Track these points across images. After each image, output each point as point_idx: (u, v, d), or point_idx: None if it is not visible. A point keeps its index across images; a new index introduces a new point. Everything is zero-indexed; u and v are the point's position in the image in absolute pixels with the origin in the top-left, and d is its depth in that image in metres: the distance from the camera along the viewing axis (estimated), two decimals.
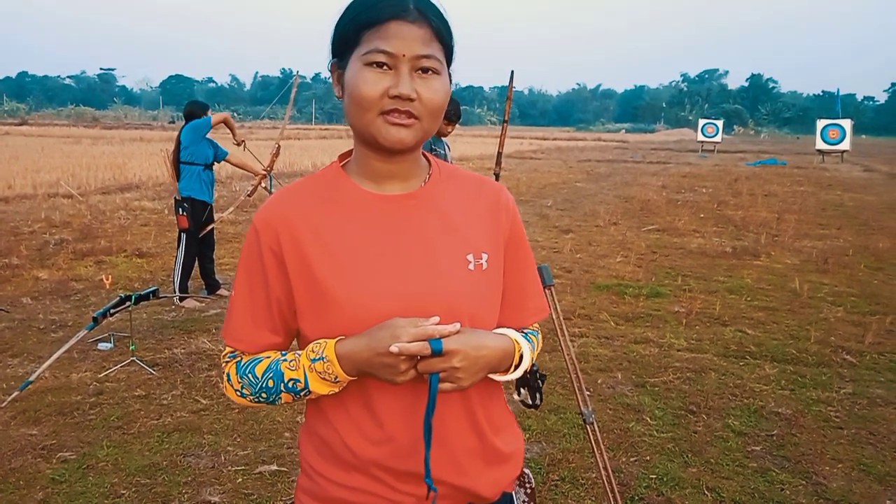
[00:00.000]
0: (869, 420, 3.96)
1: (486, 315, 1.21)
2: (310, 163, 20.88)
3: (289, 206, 1.20)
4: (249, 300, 1.21)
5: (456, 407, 1.20)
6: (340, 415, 1.20)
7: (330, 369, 1.12)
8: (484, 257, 1.22)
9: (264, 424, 3.78)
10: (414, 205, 1.21)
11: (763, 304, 6.42)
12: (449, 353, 1.09)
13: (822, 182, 19.74)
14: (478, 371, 1.14)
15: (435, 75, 1.13)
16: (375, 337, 1.09)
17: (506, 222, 1.27)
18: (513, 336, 1.22)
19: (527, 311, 1.32)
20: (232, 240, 9.00)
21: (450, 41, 1.17)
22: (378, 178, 1.21)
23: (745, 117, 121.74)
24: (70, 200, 12.15)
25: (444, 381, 1.12)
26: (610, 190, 16.54)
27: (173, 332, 5.33)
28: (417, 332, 1.08)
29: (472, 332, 1.15)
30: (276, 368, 1.17)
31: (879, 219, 12.27)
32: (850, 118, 31.26)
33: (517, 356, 1.22)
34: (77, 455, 3.42)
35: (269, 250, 1.18)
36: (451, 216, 1.23)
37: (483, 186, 1.29)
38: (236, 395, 1.23)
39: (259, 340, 1.22)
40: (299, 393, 1.16)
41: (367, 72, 1.11)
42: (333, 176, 1.23)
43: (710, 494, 3.15)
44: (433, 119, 1.15)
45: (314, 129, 54.49)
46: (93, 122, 59.31)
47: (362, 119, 1.13)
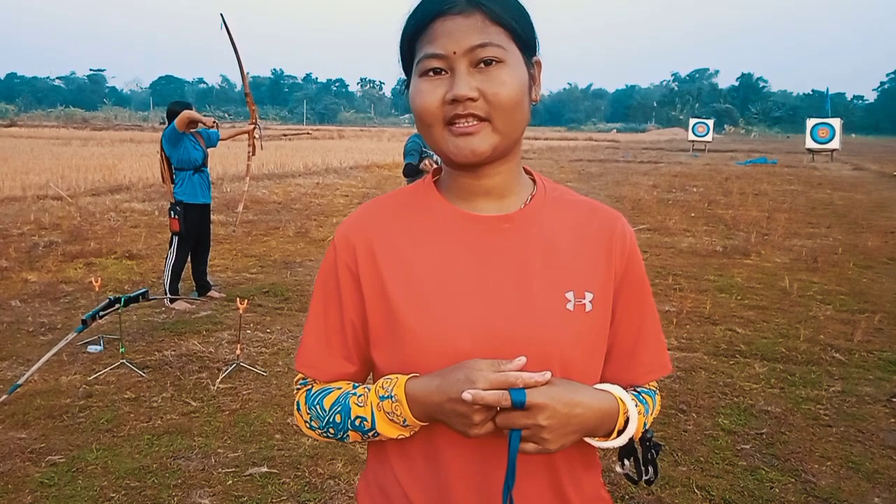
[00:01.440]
0: (857, 418, 3.98)
1: (583, 365, 1.03)
2: (301, 163, 20.85)
3: (370, 222, 1.08)
4: (324, 322, 1.09)
5: (538, 475, 1.03)
6: (405, 466, 1.06)
7: (398, 410, 0.98)
8: (588, 297, 1.04)
9: (255, 426, 3.77)
10: (509, 228, 1.05)
11: (753, 302, 6.45)
12: (534, 408, 0.92)
13: (812, 181, 19.84)
14: (569, 433, 0.95)
15: (499, 64, 0.97)
16: (449, 379, 0.94)
17: (620, 259, 1.08)
18: (617, 394, 1.03)
19: (641, 367, 1.12)
20: (223, 241, 8.97)
21: (517, 24, 0.99)
22: (468, 195, 1.07)
23: (736, 116, 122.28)
24: (59, 202, 12.08)
25: (526, 440, 0.94)
26: (601, 190, 16.57)
27: (163, 335, 5.31)
28: (497, 378, 0.91)
29: (566, 384, 0.96)
30: (345, 402, 1.04)
31: (868, 217, 12.33)
32: (839, 117, 31.44)
33: (621, 419, 1.02)
34: (66, 458, 3.40)
35: (345, 269, 1.06)
36: (554, 245, 1.05)
37: (596, 214, 1.11)
38: (306, 426, 1.10)
39: (332, 368, 1.10)
40: (367, 433, 1.02)
41: (421, 83, 0.99)
42: (424, 191, 1.10)
43: (700, 493, 3.16)
44: (508, 117, 0.98)
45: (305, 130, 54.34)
46: (82, 123, 59.10)
47: (431, 137, 1.00)
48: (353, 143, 37.03)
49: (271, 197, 13.49)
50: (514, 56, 0.99)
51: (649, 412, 1.11)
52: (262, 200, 12.97)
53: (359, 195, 14.51)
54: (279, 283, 6.89)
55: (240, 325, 4.77)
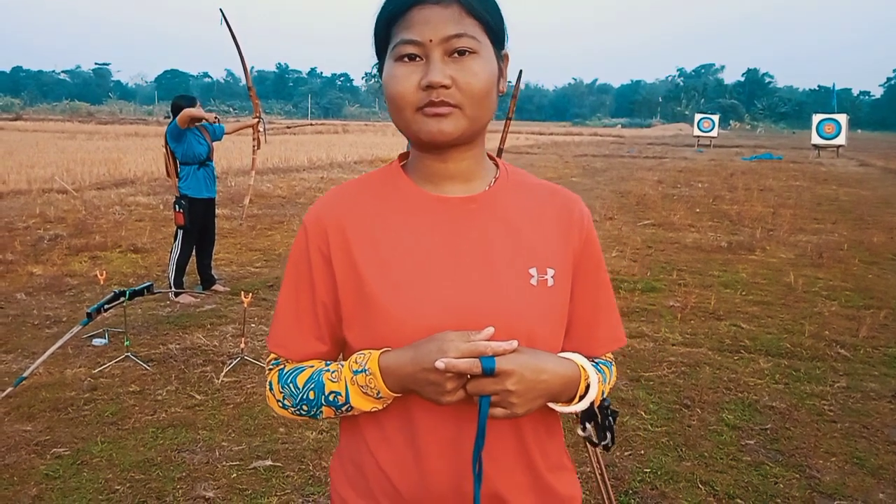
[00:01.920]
0: (862, 414, 3.97)
1: (546, 336, 1.09)
2: (305, 158, 20.86)
3: (340, 205, 1.12)
4: (295, 303, 1.13)
5: (506, 438, 1.08)
6: (377, 438, 1.10)
7: (372, 383, 1.03)
8: (550, 273, 1.10)
9: (259, 420, 3.78)
10: (475, 209, 1.10)
11: (758, 298, 6.43)
12: (502, 374, 0.97)
13: (818, 177, 19.77)
14: (535, 397, 1.01)
15: (473, 55, 1.01)
16: (422, 350, 0.99)
17: (578, 238, 1.15)
18: (579, 362, 1.09)
19: (598, 339, 1.19)
20: (227, 235, 8.98)
21: (489, 17, 1.04)
22: (436, 178, 1.11)
23: (741, 112, 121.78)
24: (64, 196, 12.11)
25: (495, 405, 0.99)
26: (606, 185, 16.54)
27: (168, 328, 5.32)
28: (468, 347, 0.97)
29: (532, 352, 1.02)
30: (318, 379, 1.07)
31: (874, 213, 12.29)
32: (845, 113, 31.25)
33: (583, 385, 1.08)
34: (71, 451, 3.41)
35: (316, 250, 1.10)
36: (517, 225, 1.11)
37: (555, 196, 1.18)
38: (278, 405, 1.13)
39: (304, 348, 1.13)
40: (340, 407, 1.07)
41: (397, 67, 1.02)
42: (391, 175, 1.14)
43: (704, 488, 3.16)
44: (478, 105, 1.03)
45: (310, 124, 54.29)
46: (87, 117, 59.13)
47: (402, 119, 1.04)
48: (357, 137, 37.03)
49: (276, 191, 13.50)
50: (487, 48, 1.04)
51: (607, 381, 1.18)
52: (266, 195, 12.97)
53: None
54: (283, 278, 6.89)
55: (244, 319, 4.78)
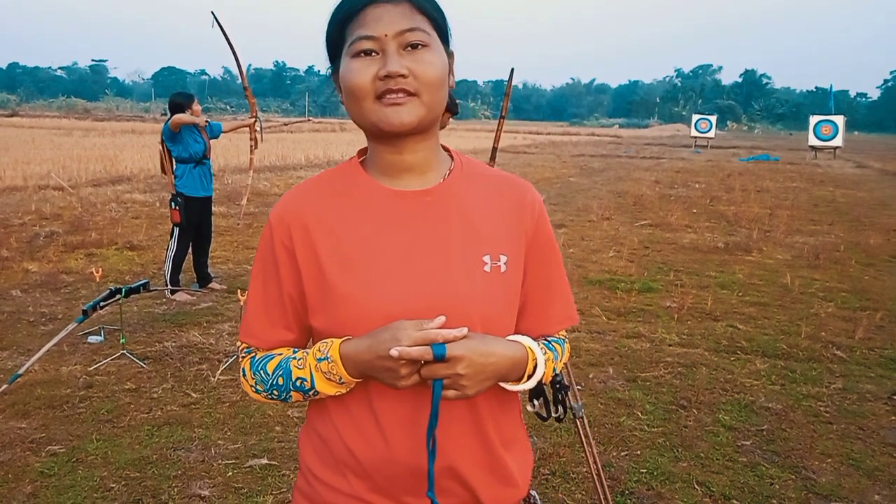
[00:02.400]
0: (858, 415, 3.97)
1: (500, 320, 1.16)
2: (302, 156, 20.84)
3: (302, 201, 1.18)
4: (263, 296, 1.20)
5: (462, 416, 1.15)
6: (342, 416, 1.17)
7: (334, 370, 1.10)
8: (502, 259, 1.16)
9: (255, 418, 3.77)
10: (430, 201, 1.16)
11: (754, 299, 6.44)
12: (453, 359, 1.04)
13: (815, 178, 19.80)
14: (484, 379, 1.08)
15: (425, 48, 1.09)
16: (378, 338, 1.05)
17: (530, 223, 1.21)
18: (526, 343, 1.15)
19: (551, 317, 1.26)
20: (224, 233, 8.97)
21: (437, 15, 1.12)
22: (393, 171, 1.17)
23: (739, 113, 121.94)
24: (60, 192, 12.08)
25: (447, 388, 1.06)
26: (603, 185, 16.55)
27: (164, 326, 5.31)
28: (420, 335, 1.03)
29: (481, 337, 1.09)
30: (286, 366, 1.15)
31: (871, 215, 12.32)
32: (842, 114, 31.32)
33: (530, 365, 1.15)
34: (66, 448, 3.40)
35: (281, 246, 1.16)
36: (470, 215, 1.17)
37: (507, 184, 1.24)
38: (252, 390, 1.20)
39: (273, 337, 1.20)
40: (307, 392, 1.14)
41: (354, 63, 1.09)
42: (350, 171, 1.20)
43: (700, 489, 3.16)
44: (433, 93, 1.10)
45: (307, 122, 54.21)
46: (84, 113, 58.89)
47: (360, 109, 1.10)
48: (354, 135, 36.97)
49: (273, 189, 13.47)
50: (437, 43, 1.11)
51: (558, 358, 1.24)
52: (263, 192, 12.95)
53: None
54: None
55: (240, 317, 4.76)
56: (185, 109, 6.05)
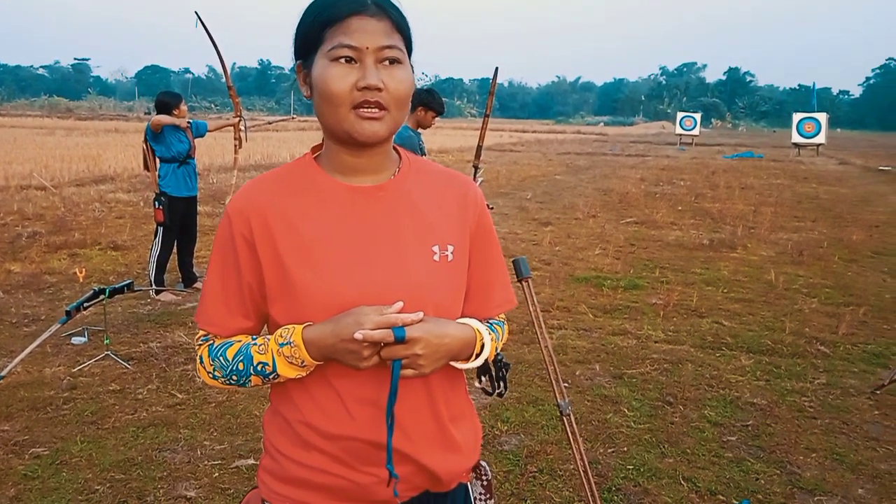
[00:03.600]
0: (842, 410, 4.01)
1: (449, 305, 1.25)
2: (287, 154, 20.75)
3: (261, 195, 1.23)
4: (222, 285, 1.24)
5: (417, 393, 1.24)
6: (304, 396, 1.23)
7: (297, 354, 1.16)
8: (450, 249, 1.25)
9: (241, 418, 3.75)
10: (383, 196, 1.24)
11: (739, 295, 6.48)
12: (411, 341, 1.13)
13: (798, 175, 19.97)
14: (439, 358, 1.17)
15: (399, 65, 1.16)
16: (341, 323, 1.13)
17: (473, 216, 1.31)
18: (474, 325, 1.25)
19: (492, 302, 1.36)
20: (209, 232, 8.90)
21: (409, 33, 1.21)
22: (349, 171, 1.24)
23: (723, 110, 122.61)
24: (43, 192, 11.95)
25: (406, 367, 1.15)
26: (589, 182, 16.60)
27: (149, 326, 5.27)
28: (381, 319, 1.11)
29: (435, 320, 1.18)
30: (247, 352, 1.21)
31: (853, 211, 12.43)
32: (825, 112, 31.61)
33: (478, 345, 1.25)
34: (50, 451, 3.37)
35: (241, 237, 1.21)
36: (420, 208, 1.26)
37: (452, 181, 1.33)
38: (208, 376, 1.26)
39: (231, 324, 1.25)
40: (268, 376, 1.20)
41: (334, 67, 1.14)
42: (305, 167, 1.27)
43: (686, 484, 3.18)
44: (400, 109, 1.18)
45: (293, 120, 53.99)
46: (67, 112, 58.33)
47: (335, 115, 1.16)
48: None
49: None
50: (407, 60, 1.19)
51: (500, 339, 1.36)
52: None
53: None
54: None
55: None
56: (172, 109, 6.00)
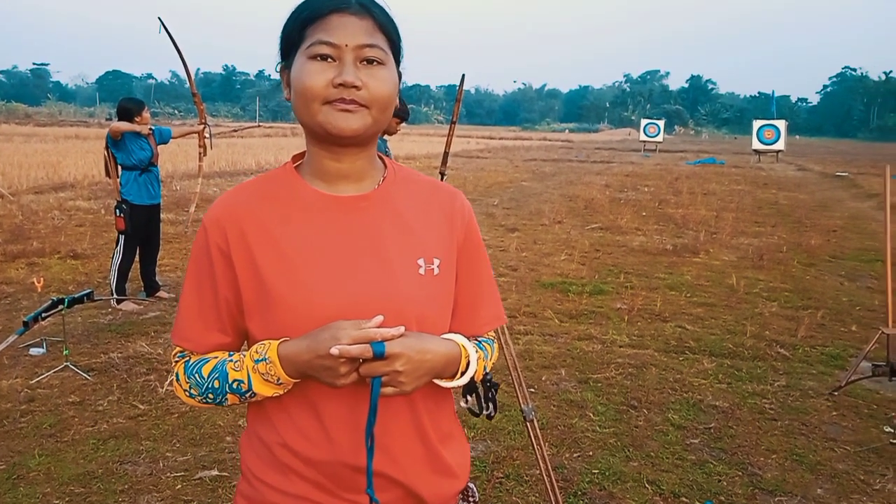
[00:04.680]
0: (801, 411, 4.09)
1: (435, 320, 1.19)
2: (253, 161, 20.57)
3: (238, 205, 1.18)
4: (198, 299, 1.19)
5: (401, 413, 1.18)
6: (282, 417, 1.18)
7: (272, 371, 1.10)
8: (436, 262, 1.20)
9: (205, 429, 3.70)
10: (366, 206, 1.19)
11: (702, 300, 6.58)
12: (391, 357, 1.06)
13: (758, 181, 20.37)
14: (421, 376, 1.11)
15: (380, 66, 1.12)
16: (317, 339, 1.07)
17: (460, 228, 1.25)
18: (459, 341, 1.19)
19: (480, 318, 1.30)
20: (172, 240, 8.79)
21: (395, 36, 1.16)
22: (330, 178, 1.19)
23: (686, 117, 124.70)
24: (0, 200, 11.69)
25: (386, 385, 1.09)
26: (555, 189, 16.73)
27: (110, 336, 5.17)
28: (359, 334, 1.05)
29: (417, 335, 1.12)
30: (222, 369, 1.15)
31: (812, 217, 12.72)
32: (784, 119, 32.37)
33: (464, 362, 1.19)
34: (7, 465, 3.28)
35: (217, 248, 1.16)
36: (405, 219, 1.20)
37: (438, 191, 1.27)
38: (185, 394, 1.20)
39: (207, 340, 1.20)
40: (244, 394, 1.14)
41: (310, 64, 1.10)
42: (285, 176, 1.21)
43: (651, 487, 3.21)
44: (382, 110, 1.13)
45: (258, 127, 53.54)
46: (25, 118, 57.21)
47: (308, 110, 1.11)
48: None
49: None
50: (391, 62, 1.14)
51: (488, 357, 1.29)
52: (213, 199, 12.72)
53: None
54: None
55: None
56: (134, 116, 5.90)
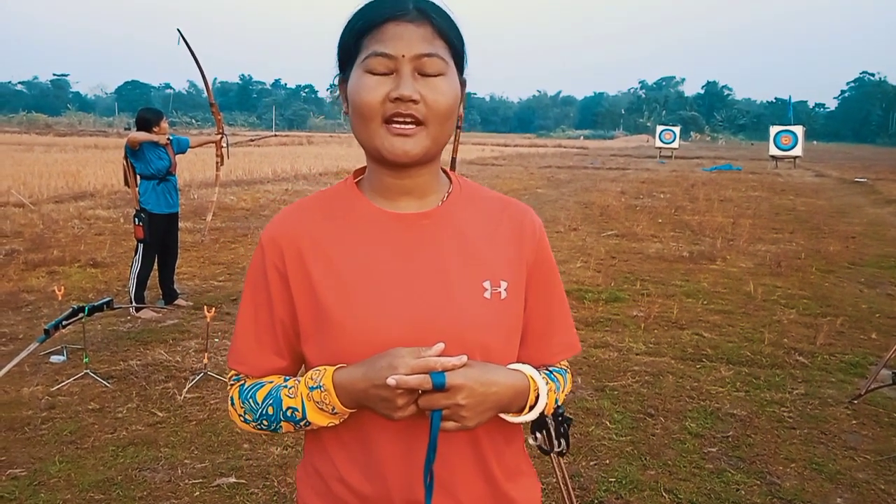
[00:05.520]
0: (820, 420, 4.06)
1: (500, 348, 1.11)
2: (269, 170, 20.71)
3: (295, 223, 1.13)
4: (254, 321, 1.14)
5: (463, 448, 1.10)
6: (338, 449, 1.12)
7: (327, 399, 1.04)
8: (503, 285, 1.12)
9: (223, 436, 3.72)
10: (428, 225, 1.11)
11: (719, 307, 6.54)
12: (453, 389, 0.98)
13: (776, 187, 20.21)
14: (485, 410, 1.03)
15: (440, 76, 1.04)
16: (374, 367, 1.00)
17: (530, 247, 1.17)
18: (528, 373, 1.10)
19: (552, 347, 1.21)
20: (190, 249, 8.86)
21: (456, 42, 1.08)
22: (391, 194, 1.12)
23: (702, 124, 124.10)
24: (21, 209, 11.83)
25: (446, 419, 1.01)
26: (570, 196, 16.70)
27: (129, 344, 5.22)
28: (418, 363, 0.98)
29: (481, 366, 1.04)
30: (277, 395, 1.09)
31: (830, 223, 12.60)
32: (801, 125, 32.15)
33: (532, 396, 1.09)
34: (28, 471, 3.32)
35: (273, 269, 1.11)
36: (470, 239, 1.13)
37: (507, 208, 1.19)
38: (240, 420, 1.14)
39: (263, 364, 1.14)
40: (298, 423, 1.08)
41: (366, 78, 1.03)
42: (345, 192, 1.15)
43: (668, 496, 3.20)
44: (441, 124, 1.05)
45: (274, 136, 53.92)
46: (45, 128, 57.96)
47: (366, 131, 1.05)
48: (322, 149, 36.88)
49: (240, 204, 13.36)
50: (452, 71, 1.07)
51: (560, 389, 1.19)
52: (230, 207, 12.83)
53: None
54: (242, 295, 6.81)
55: (207, 334, 4.71)
56: (153, 126, 5.98)
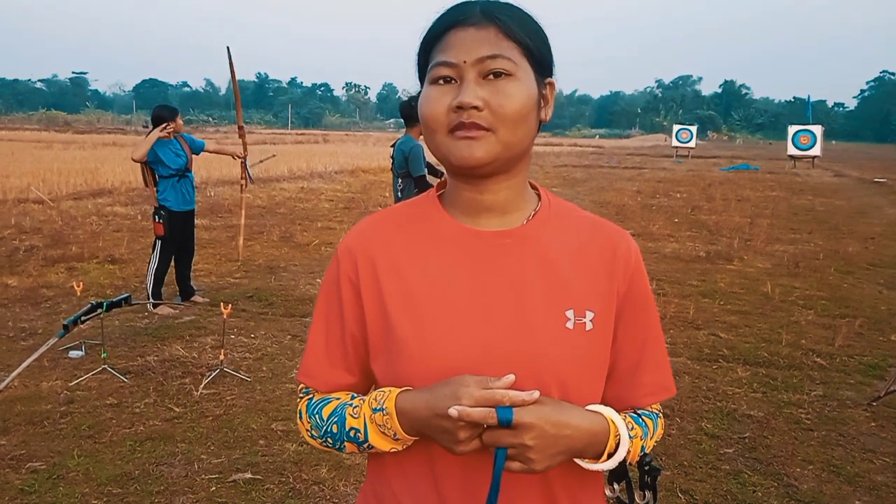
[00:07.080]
0: (838, 422, 4.02)
1: (581, 385, 1.01)
2: (286, 168, 20.78)
3: (372, 234, 1.08)
4: (325, 334, 1.09)
5: (532, 490, 1.01)
6: (400, 477, 1.05)
7: (389, 423, 0.97)
8: (588, 316, 1.02)
9: (239, 432, 3.75)
10: (509, 244, 1.04)
11: (736, 307, 6.50)
12: (521, 427, 0.90)
13: (794, 187, 20.04)
14: (555, 454, 0.93)
15: (508, 78, 0.97)
16: (437, 394, 0.93)
17: (623, 276, 1.07)
18: (608, 415, 0.99)
19: (643, 387, 1.08)
20: (206, 246, 8.92)
21: (529, 41, 1.00)
22: (470, 210, 1.06)
23: (719, 123, 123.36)
24: (41, 206, 11.96)
25: (512, 458, 0.92)
26: (586, 195, 16.64)
27: (146, 340, 5.26)
28: (483, 395, 0.90)
29: (555, 404, 0.94)
30: (341, 413, 1.03)
31: (849, 223, 12.48)
32: (820, 124, 31.81)
33: (612, 442, 0.99)
34: (47, 465, 3.36)
35: (347, 280, 1.07)
36: (555, 262, 1.04)
37: (600, 231, 1.09)
38: (307, 434, 1.10)
39: (332, 379, 1.09)
40: (361, 444, 1.01)
41: (430, 90, 1.00)
42: (426, 205, 1.10)
43: (684, 497, 3.18)
44: (511, 129, 0.98)
45: (290, 134, 54.16)
46: (64, 126, 58.47)
47: (433, 141, 1.01)
48: (338, 147, 36.94)
49: (256, 201, 13.43)
50: (525, 72, 0.99)
51: (648, 436, 1.08)
52: (246, 205, 12.87)
53: (343, 200, 14.48)
54: (263, 288, 6.86)
55: (223, 330, 4.74)
56: (168, 123, 6.04)
